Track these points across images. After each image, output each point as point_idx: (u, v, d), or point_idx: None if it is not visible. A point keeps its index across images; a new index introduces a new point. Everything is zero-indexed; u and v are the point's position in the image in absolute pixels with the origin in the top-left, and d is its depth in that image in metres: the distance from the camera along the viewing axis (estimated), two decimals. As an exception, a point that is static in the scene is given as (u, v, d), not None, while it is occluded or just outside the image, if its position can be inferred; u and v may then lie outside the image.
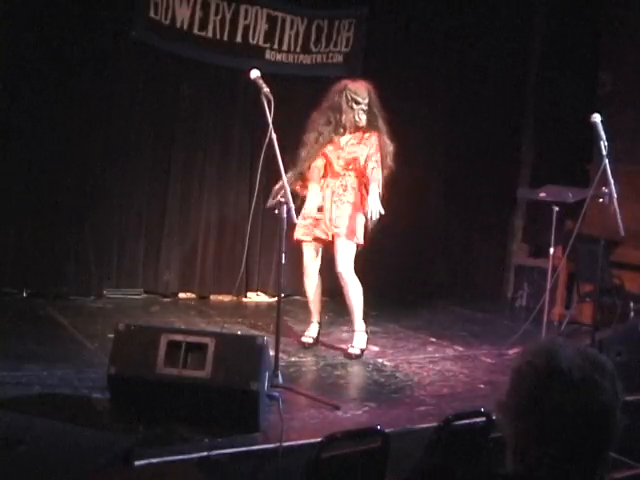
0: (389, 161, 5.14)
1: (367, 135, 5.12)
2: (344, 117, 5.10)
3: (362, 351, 5.09)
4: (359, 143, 5.12)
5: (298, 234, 5.09)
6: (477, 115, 7.54)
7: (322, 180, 5.16)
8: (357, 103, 5.08)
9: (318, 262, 5.23)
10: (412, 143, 7.18)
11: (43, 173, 6.04)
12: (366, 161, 5.06)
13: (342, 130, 5.14)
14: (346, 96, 5.09)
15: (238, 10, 6.51)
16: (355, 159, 5.09)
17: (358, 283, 5.09)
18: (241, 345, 3.61)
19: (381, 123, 5.14)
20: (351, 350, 5.08)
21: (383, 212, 4.89)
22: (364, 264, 5.35)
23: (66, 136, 6.07)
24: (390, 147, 5.12)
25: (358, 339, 5.13)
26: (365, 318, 5.18)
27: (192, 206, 6.70)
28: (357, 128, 5.12)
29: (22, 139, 5.96)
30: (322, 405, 3.97)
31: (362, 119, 5.11)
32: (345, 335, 5.51)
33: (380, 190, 4.99)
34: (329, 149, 5.14)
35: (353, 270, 5.08)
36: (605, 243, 4.98)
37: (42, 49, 5.91)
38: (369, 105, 5.11)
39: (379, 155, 5.07)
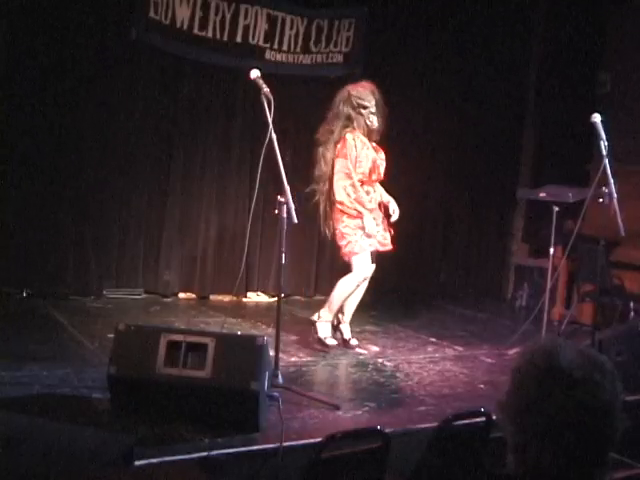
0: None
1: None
2: (355, 124, 5.08)
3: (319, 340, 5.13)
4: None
5: None
6: (477, 115, 7.54)
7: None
8: (365, 108, 5.07)
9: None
10: (412, 143, 7.21)
11: (43, 173, 6.03)
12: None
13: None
14: (352, 103, 5.07)
15: (238, 10, 6.51)
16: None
17: (350, 282, 5.11)
18: (241, 345, 3.61)
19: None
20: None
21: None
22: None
23: (66, 136, 6.08)
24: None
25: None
26: (365, 318, 5.17)
27: (192, 206, 6.69)
28: (370, 131, 5.13)
29: (21, 139, 5.95)
30: (322, 405, 3.97)
31: (374, 121, 5.10)
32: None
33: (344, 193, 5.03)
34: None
35: (351, 274, 5.12)
36: (605, 243, 4.98)
37: (42, 49, 5.90)
38: (377, 105, 5.11)
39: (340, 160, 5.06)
